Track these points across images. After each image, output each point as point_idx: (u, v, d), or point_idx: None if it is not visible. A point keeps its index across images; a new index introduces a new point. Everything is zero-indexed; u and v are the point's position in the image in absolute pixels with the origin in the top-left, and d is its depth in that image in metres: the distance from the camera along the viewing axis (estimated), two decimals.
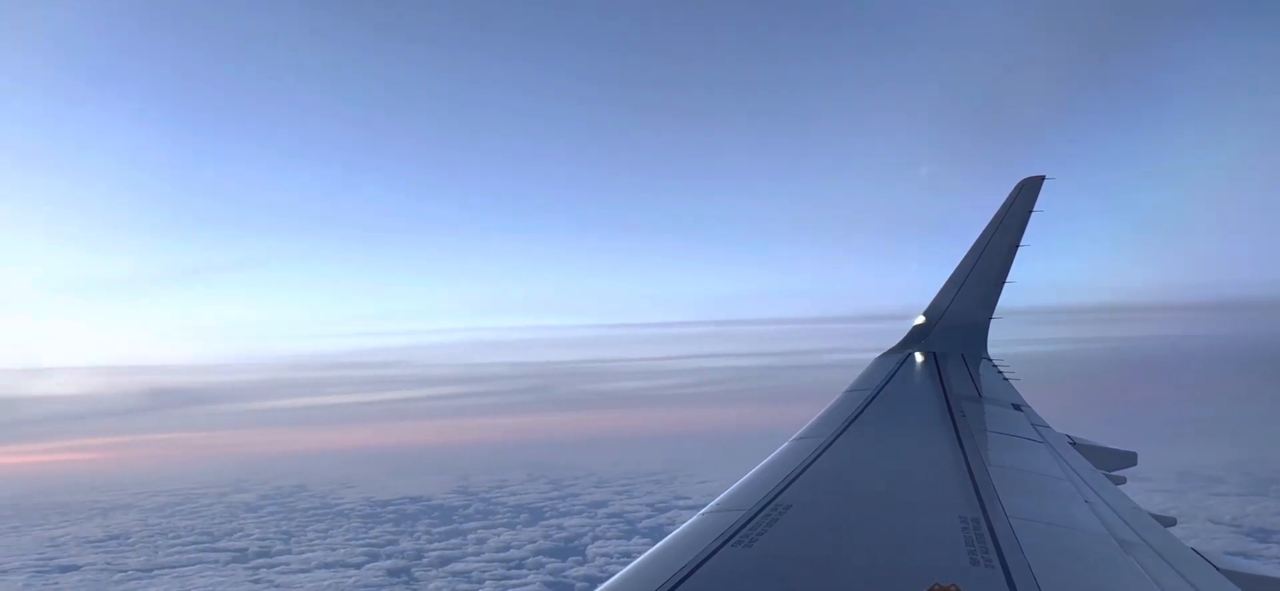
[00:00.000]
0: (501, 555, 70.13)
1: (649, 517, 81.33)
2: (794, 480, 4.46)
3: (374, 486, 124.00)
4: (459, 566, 67.05)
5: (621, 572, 3.22)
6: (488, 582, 61.71)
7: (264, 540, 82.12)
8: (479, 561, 68.41)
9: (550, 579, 61.27)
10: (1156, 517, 4.78)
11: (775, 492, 4.18)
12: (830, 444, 5.48)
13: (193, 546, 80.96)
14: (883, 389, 7.82)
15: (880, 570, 3.13)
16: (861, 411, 6.73)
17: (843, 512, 4.03)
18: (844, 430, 5.94)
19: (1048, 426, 7.25)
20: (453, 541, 77.22)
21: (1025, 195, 10.64)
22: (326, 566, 69.58)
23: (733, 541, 3.41)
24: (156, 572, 70.08)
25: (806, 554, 3.36)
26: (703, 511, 4.02)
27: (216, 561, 73.53)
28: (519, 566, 66.32)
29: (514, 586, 60.31)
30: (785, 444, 5.59)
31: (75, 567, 73.83)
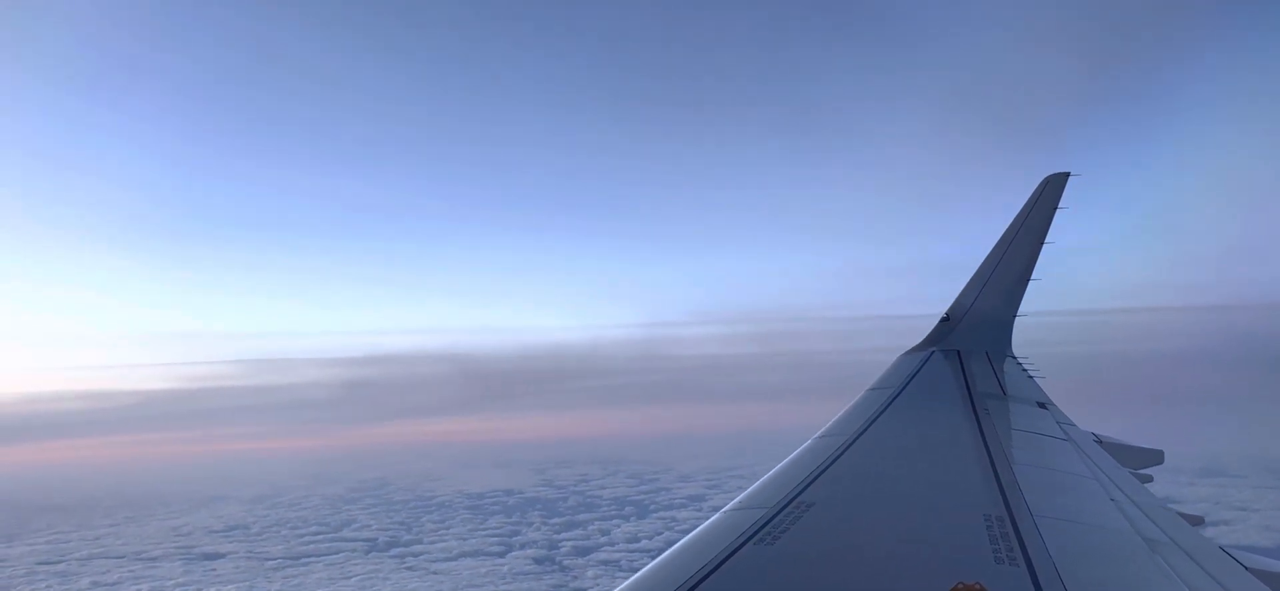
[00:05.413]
0: (635, 545, 72.47)
1: None
2: (816, 478, 4.46)
3: (458, 480, 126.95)
4: (600, 556, 69.53)
5: (645, 569, 3.25)
6: None
7: (385, 531, 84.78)
8: (615, 551, 70.80)
9: None
10: (1184, 516, 4.76)
11: (798, 490, 4.18)
12: (853, 442, 5.47)
13: (319, 536, 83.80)
14: (906, 387, 7.79)
15: (904, 568, 3.13)
16: (884, 409, 6.70)
17: (866, 511, 4.02)
18: (867, 428, 5.93)
19: (1073, 425, 7.25)
20: (574, 533, 79.63)
21: (1050, 192, 10.48)
22: (466, 555, 72.21)
23: (755, 539, 3.42)
24: (304, 560, 73.06)
25: (829, 552, 3.35)
26: (725, 509, 4.03)
27: (352, 550, 76.29)
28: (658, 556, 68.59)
29: None
30: (808, 442, 5.58)
31: (218, 556, 76.89)
